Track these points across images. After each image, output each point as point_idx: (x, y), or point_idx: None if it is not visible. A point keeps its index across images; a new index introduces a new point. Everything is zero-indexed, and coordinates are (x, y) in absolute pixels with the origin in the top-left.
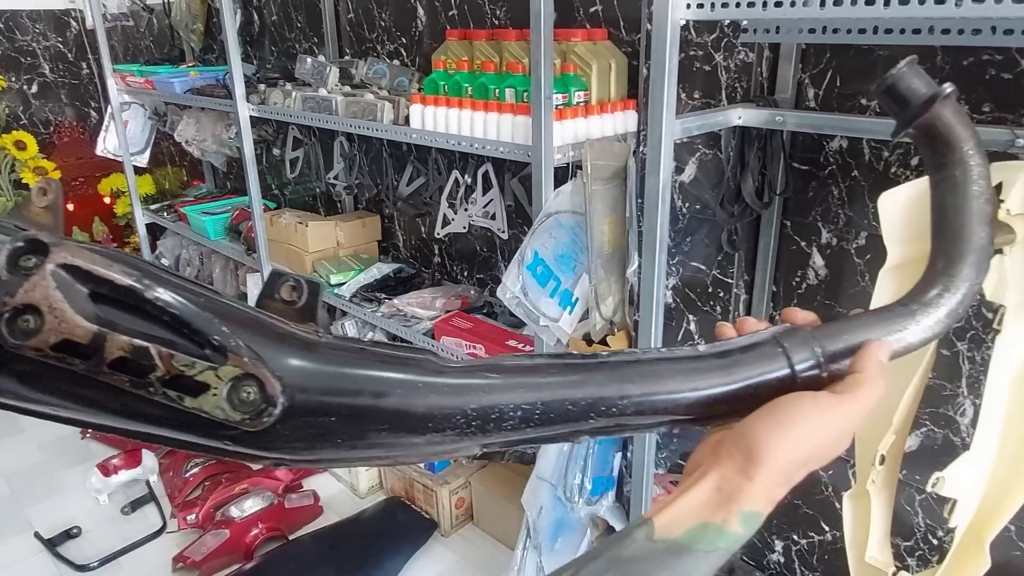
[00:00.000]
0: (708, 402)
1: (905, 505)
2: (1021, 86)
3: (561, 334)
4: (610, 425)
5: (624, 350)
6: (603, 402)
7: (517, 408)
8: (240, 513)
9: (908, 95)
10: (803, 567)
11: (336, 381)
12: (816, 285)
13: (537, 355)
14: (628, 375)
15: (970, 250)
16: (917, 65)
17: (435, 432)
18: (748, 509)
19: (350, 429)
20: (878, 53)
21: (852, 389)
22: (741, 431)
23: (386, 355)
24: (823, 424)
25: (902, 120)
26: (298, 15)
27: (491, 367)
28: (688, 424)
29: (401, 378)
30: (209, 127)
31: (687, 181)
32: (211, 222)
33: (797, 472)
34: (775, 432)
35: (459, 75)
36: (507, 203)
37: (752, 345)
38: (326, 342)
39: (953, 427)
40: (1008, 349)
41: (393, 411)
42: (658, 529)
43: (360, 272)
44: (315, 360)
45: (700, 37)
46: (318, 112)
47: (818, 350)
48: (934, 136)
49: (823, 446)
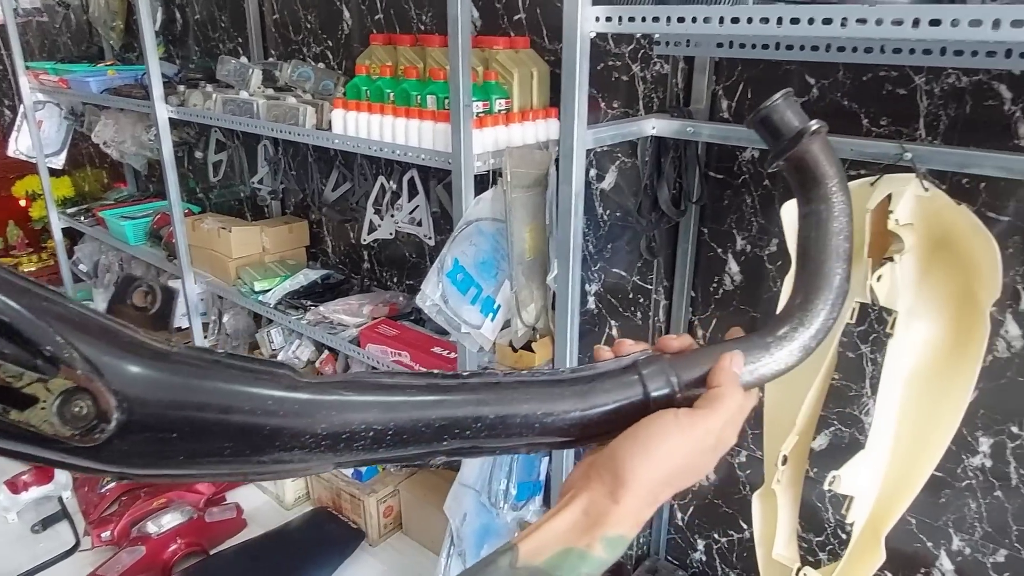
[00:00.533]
0: (563, 426)
1: (816, 501)
2: (915, 101)
3: (484, 341)
4: (465, 447)
5: (487, 371)
6: (457, 424)
7: (369, 428)
8: (157, 529)
9: (781, 127)
10: (724, 565)
11: (181, 395)
12: (732, 290)
13: (398, 374)
14: (484, 398)
15: (827, 287)
16: (792, 98)
17: (283, 451)
18: (613, 533)
19: (193, 446)
20: (786, 67)
21: (710, 403)
22: (610, 452)
23: (238, 368)
24: (684, 440)
25: (773, 152)
26: (222, 14)
27: (347, 384)
28: (549, 447)
29: (252, 393)
30: (129, 128)
31: (608, 189)
32: (130, 227)
33: (663, 492)
34: (640, 452)
35: (382, 80)
36: (433, 209)
37: (611, 372)
38: (176, 352)
39: (858, 426)
40: (900, 352)
41: (239, 429)
42: (522, 556)
43: (286, 279)
44: (160, 372)
45: (619, 48)
46: (239, 115)
47: (674, 379)
48: (802, 170)
49: (688, 462)
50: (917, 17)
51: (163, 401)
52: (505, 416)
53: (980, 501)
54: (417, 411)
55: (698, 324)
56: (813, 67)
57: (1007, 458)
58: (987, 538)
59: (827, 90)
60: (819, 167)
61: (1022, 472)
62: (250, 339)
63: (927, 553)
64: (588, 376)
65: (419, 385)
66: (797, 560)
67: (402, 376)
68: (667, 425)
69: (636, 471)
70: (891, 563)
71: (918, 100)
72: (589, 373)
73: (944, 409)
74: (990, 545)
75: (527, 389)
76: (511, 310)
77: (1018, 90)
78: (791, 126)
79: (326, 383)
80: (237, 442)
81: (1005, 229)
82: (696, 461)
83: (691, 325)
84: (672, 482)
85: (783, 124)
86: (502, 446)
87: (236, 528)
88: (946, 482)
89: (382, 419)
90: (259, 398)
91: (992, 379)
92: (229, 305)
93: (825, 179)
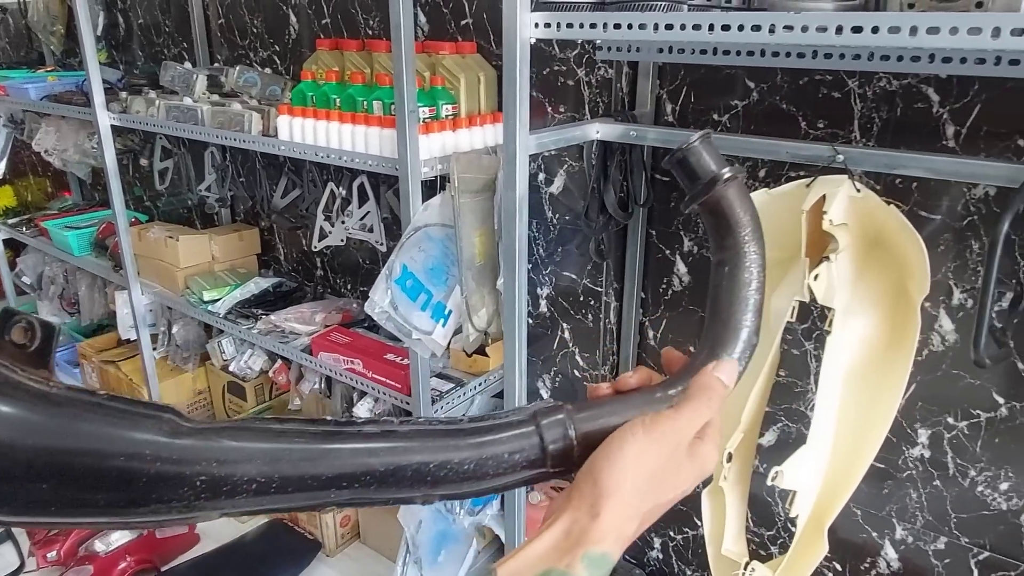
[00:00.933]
0: (457, 479)
1: (766, 497)
2: (849, 104)
3: (435, 347)
4: (356, 498)
5: (384, 420)
6: (345, 476)
7: (252, 481)
8: (106, 547)
9: (697, 171)
10: (680, 562)
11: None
12: (681, 291)
13: (289, 420)
14: (376, 448)
15: (734, 340)
16: (710, 140)
17: (159, 503)
18: (595, 551)
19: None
20: (727, 72)
21: (680, 403)
22: (587, 468)
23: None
24: (650, 440)
25: (689, 195)
26: (166, 19)
27: (232, 432)
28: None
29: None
30: (71, 136)
31: (557, 192)
32: (75, 237)
33: (644, 502)
34: (613, 460)
35: (327, 86)
36: (384, 215)
37: (510, 423)
38: (54, 393)
39: (805, 421)
40: (838, 348)
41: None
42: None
43: (236, 287)
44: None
45: (564, 53)
46: (183, 122)
47: (571, 432)
48: (716, 216)
49: (661, 466)
50: (840, 24)
51: (35, 447)
52: (397, 468)
53: (920, 491)
54: (304, 462)
55: (649, 325)
56: (753, 71)
57: (944, 448)
58: (928, 526)
59: (766, 93)
60: (733, 214)
61: (959, 461)
62: (201, 350)
63: (872, 543)
64: (485, 427)
65: (309, 433)
66: (746, 555)
67: (293, 423)
68: (634, 428)
69: (610, 479)
70: (838, 554)
71: (852, 103)
72: (487, 424)
73: (881, 402)
74: (931, 533)
75: (422, 439)
76: (462, 315)
77: (945, 93)
78: (707, 170)
79: (210, 429)
80: (113, 491)
81: (937, 227)
82: (670, 467)
83: (642, 326)
84: (651, 491)
85: (699, 167)
86: (395, 497)
87: (188, 543)
88: (888, 473)
89: (266, 470)
90: (137, 443)
91: (929, 372)
92: (178, 316)
93: (738, 227)
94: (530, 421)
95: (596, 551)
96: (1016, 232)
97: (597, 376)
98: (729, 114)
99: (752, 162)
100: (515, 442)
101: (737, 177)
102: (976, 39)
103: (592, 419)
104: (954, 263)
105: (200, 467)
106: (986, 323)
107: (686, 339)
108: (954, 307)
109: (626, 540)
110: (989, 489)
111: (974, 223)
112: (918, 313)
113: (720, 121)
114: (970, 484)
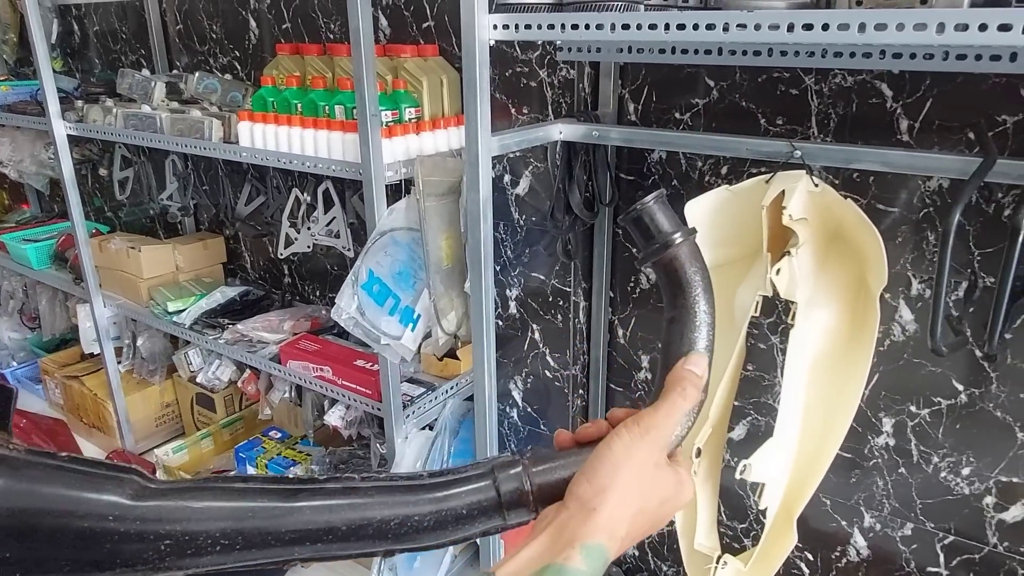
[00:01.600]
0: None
1: (738, 490)
2: (807, 101)
3: (404, 352)
4: (319, 554)
5: (346, 476)
6: (309, 534)
7: (216, 542)
8: None
9: (652, 230)
10: (656, 558)
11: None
12: (649, 289)
13: (251, 478)
14: (337, 505)
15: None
16: (664, 200)
17: (124, 566)
18: (591, 541)
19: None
20: (687, 71)
21: (659, 400)
22: (580, 473)
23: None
24: (633, 437)
25: (644, 253)
26: (123, 25)
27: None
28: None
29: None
30: (27, 147)
31: (523, 194)
32: (33, 250)
33: (635, 501)
34: (604, 456)
35: (288, 91)
36: (350, 220)
37: (468, 477)
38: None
39: (773, 415)
40: (802, 341)
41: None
42: None
43: (202, 297)
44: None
45: (525, 54)
46: (142, 130)
47: (527, 485)
48: (669, 275)
49: (646, 463)
50: (792, 22)
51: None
52: (359, 525)
53: (887, 479)
54: (267, 521)
55: (618, 324)
56: (713, 70)
57: (908, 436)
58: (895, 513)
59: (726, 92)
60: (684, 275)
61: (922, 449)
62: (167, 362)
63: (842, 532)
64: (444, 482)
65: (272, 491)
66: (718, 548)
67: (255, 480)
68: (619, 429)
69: (603, 476)
70: (809, 543)
71: (809, 100)
72: (446, 479)
73: (845, 391)
74: (898, 520)
75: (382, 496)
76: (431, 319)
77: (898, 89)
78: (661, 231)
79: (174, 490)
80: (78, 552)
81: (895, 220)
82: (653, 466)
83: (611, 325)
84: (641, 490)
85: (653, 227)
86: (357, 552)
87: None
88: (855, 463)
89: (230, 529)
90: (100, 505)
91: (891, 362)
92: (143, 328)
93: (689, 287)
94: (488, 475)
95: (592, 542)
96: (969, 222)
97: (568, 376)
98: (690, 112)
99: (714, 159)
100: (473, 496)
101: (688, 239)
102: (922, 35)
103: (547, 472)
104: (912, 254)
105: (165, 528)
106: (942, 312)
107: (655, 337)
108: (913, 297)
109: (619, 540)
110: (952, 475)
111: (930, 215)
112: (877, 304)
113: (682, 119)
114: (934, 470)
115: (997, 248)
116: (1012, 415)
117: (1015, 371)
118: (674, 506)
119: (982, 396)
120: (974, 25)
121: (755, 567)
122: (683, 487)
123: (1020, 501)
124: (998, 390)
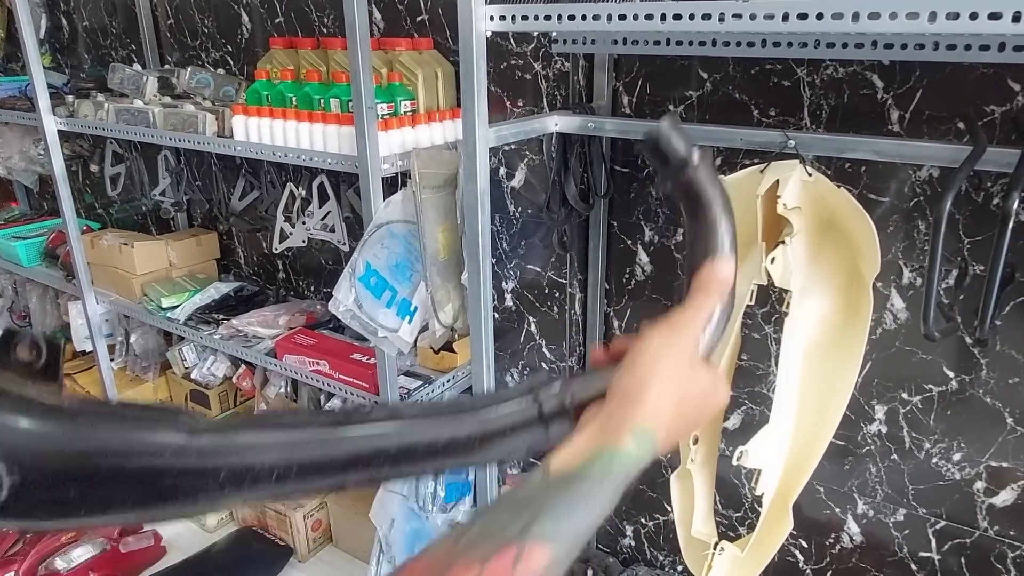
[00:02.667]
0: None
1: (734, 479)
2: (799, 92)
3: (402, 344)
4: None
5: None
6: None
7: (271, 471)
8: (67, 564)
9: (668, 153)
10: (652, 548)
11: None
12: (644, 280)
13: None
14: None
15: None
16: (678, 122)
17: (186, 495)
18: (640, 425)
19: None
20: (681, 63)
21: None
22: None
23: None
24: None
25: (662, 176)
26: (112, 20)
27: (247, 426)
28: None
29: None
30: (16, 143)
31: (519, 186)
32: (23, 247)
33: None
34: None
35: (283, 85)
36: (345, 214)
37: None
38: (69, 406)
39: (768, 403)
40: (796, 329)
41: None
42: (553, 468)
43: (195, 293)
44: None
45: (520, 47)
46: (134, 125)
47: (568, 398)
48: (688, 195)
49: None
50: (786, 11)
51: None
52: (408, 448)
53: (879, 465)
54: (319, 449)
55: (614, 315)
56: (706, 62)
57: (900, 423)
58: (887, 499)
59: (720, 83)
60: (704, 193)
61: (914, 435)
62: (161, 358)
63: (836, 518)
64: (487, 403)
65: (320, 422)
66: (715, 535)
67: (304, 414)
68: (651, 329)
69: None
70: (803, 530)
71: (802, 91)
72: (489, 400)
73: (839, 379)
74: (891, 506)
75: (429, 419)
76: (428, 312)
77: (888, 79)
78: (676, 155)
79: (226, 425)
80: (140, 490)
81: (886, 209)
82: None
83: (607, 316)
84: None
85: (669, 151)
86: (408, 473)
87: (155, 556)
88: (848, 450)
89: (283, 458)
90: (158, 444)
91: (883, 349)
92: (136, 324)
93: (710, 204)
94: (529, 392)
95: (641, 425)
96: (959, 211)
97: (564, 368)
98: (684, 104)
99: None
100: (516, 414)
101: (704, 159)
102: (914, 23)
103: (586, 386)
104: (903, 243)
105: (222, 461)
106: (933, 299)
107: None
108: (904, 286)
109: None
110: (943, 460)
111: (920, 204)
112: (871, 292)
113: (676, 111)
114: (925, 456)
115: (987, 236)
116: (1001, 401)
117: (1004, 357)
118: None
119: (972, 383)
120: (965, 13)
121: (752, 553)
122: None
123: (1010, 486)
124: (988, 376)
